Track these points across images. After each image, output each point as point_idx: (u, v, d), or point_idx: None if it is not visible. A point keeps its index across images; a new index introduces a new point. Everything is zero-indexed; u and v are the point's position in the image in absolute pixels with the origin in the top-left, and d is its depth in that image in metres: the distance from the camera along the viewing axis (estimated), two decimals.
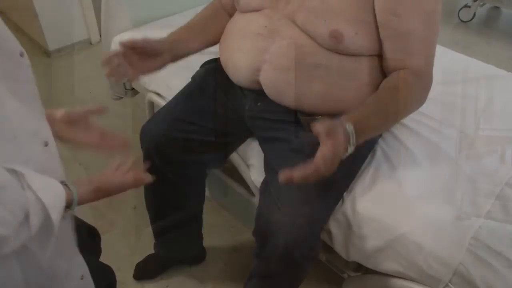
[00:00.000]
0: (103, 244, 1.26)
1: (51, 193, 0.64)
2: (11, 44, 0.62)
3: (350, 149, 0.84)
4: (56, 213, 0.63)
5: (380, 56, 0.99)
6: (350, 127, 0.83)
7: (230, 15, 1.19)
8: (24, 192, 0.60)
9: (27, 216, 0.60)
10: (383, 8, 0.92)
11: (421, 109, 1.21)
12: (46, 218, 0.63)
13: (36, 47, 2.73)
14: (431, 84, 0.99)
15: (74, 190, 0.69)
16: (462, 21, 3.23)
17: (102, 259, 1.53)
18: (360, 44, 0.95)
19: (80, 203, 0.70)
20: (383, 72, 1.01)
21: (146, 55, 1.01)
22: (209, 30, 1.18)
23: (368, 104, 0.93)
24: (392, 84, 0.96)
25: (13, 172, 0.60)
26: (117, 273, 1.50)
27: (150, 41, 1.00)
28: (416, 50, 0.95)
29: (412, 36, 0.94)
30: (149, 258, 1.47)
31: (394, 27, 0.93)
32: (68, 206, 0.68)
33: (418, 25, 0.93)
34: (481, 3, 3.18)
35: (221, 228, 1.64)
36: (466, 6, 3.17)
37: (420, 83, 0.97)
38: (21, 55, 0.63)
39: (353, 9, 0.93)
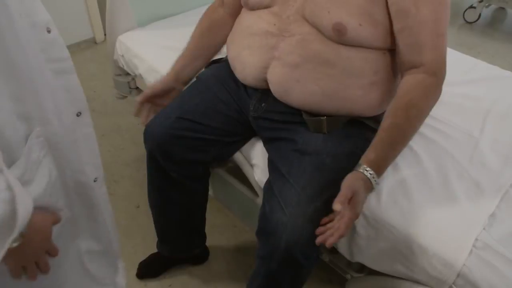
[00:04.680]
0: None
1: (22, 193, 0.60)
2: None
3: (374, 189, 0.89)
4: (22, 215, 0.57)
5: (390, 50, 0.98)
6: (368, 173, 0.88)
7: (231, 15, 1.19)
8: None
9: None
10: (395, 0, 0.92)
11: None
12: (9, 215, 0.57)
13: None
14: (444, 79, 0.98)
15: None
16: (467, 22, 3.22)
17: None
18: (365, 35, 0.94)
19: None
20: (394, 69, 1.01)
21: (161, 95, 1.21)
22: (210, 42, 1.22)
23: (383, 136, 0.92)
24: (409, 100, 0.93)
25: None
26: None
27: (157, 87, 1.19)
28: (429, 43, 0.94)
29: (425, 28, 0.93)
30: (152, 257, 1.47)
31: (407, 20, 0.92)
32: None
33: (431, 16, 0.92)
34: (487, 4, 3.17)
35: (224, 227, 1.64)
36: (471, 7, 3.16)
37: (436, 81, 0.96)
38: None
39: (358, 0, 0.93)
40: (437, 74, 0.96)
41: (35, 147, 0.66)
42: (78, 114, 0.74)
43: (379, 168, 0.90)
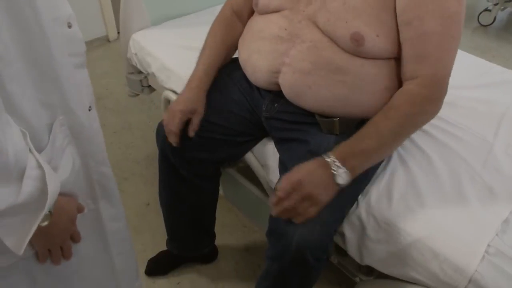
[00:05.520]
0: None
1: (53, 173, 0.62)
2: None
3: (340, 172, 0.88)
4: (52, 192, 0.60)
5: (397, 59, 0.98)
6: (329, 158, 0.90)
7: (243, 23, 1.18)
8: (27, 151, 0.58)
9: (19, 177, 0.57)
10: (404, 9, 0.91)
11: (439, 113, 1.20)
12: (40, 192, 0.59)
13: None
14: (443, 95, 0.95)
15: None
16: (482, 25, 3.18)
17: None
18: (380, 46, 0.93)
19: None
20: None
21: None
22: (228, 52, 1.19)
23: (357, 131, 0.93)
24: (391, 103, 0.94)
25: (24, 134, 0.59)
26: None
27: (185, 111, 1.09)
28: (431, 56, 0.92)
29: (429, 40, 0.91)
30: (161, 254, 1.48)
31: (413, 29, 0.91)
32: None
33: (437, 29, 0.90)
34: (502, 7, 3.13)
35: (234, 227, 1.64)
36: (486, 10, 3.13)
37: (428, 94, 0.93)
38: None
39: (375, 10, 0.92)
40: (431, 87, 0.93)
41: (59, 135, 0.68)
42: (90, 109, 0.76)
43: (344, 157, 0.90)
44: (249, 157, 1.22)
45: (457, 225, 0.93)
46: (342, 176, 0.89)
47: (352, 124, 1.02)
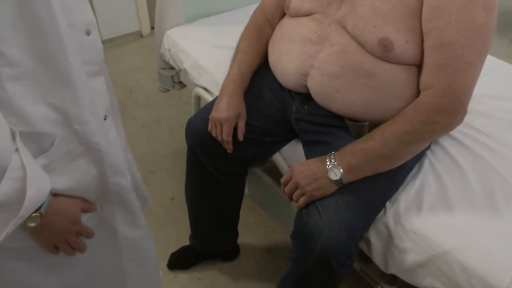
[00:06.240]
0: None
1: (38, 175, 0.61)
2: None
3: (333, 167, 0.94)
4: (34, 195, 0.58)
5: None
6: (329, 156, 0.96)
7: (274, 28, 1.18)
8: (12, 151, 0.57)
9: (0, 174, 0.56)
10: (427, 18, 0.88)
11: (474, 123, 1.17)
12: (17, 194, 0.58)
13: None
14: (458, 108, 0.90)
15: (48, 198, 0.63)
16: None
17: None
18: (410, 52, 0.91)
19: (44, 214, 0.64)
20: None
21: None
22: (259, 56, 1.18)
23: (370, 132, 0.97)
24: (402, 111, 0.94)
25: (14, 133, 0.58)
26: None
27: (231, 118, 1.09)
28: (449, 67, 0.87)
29: (449, 51, 0.87)
30: (184, 249, 1.50)
31: (433, 39, 0.88)
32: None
33: (460, 40, 0.86)
34: None
35: (257, 226, 1.65)
36: None
37: (438, 103, 0.89)
38: None
39: (404, 17, 0.90)
40: (443, 98, 0.89)
41: (71, 141, 0.67)
42: (105, 118, 0.74)
43: (343, 154, 0.95)
44: (277, 157, 1.21)
45: (489, 239, 0.91)
46: (335, 171, 0.93)
47: None
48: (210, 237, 1.41)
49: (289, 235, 1.05)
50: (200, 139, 1.16)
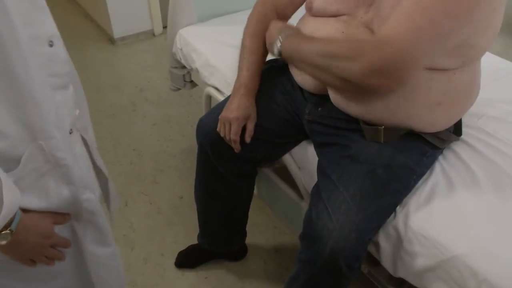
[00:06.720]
0: (150, 229, 1.29)
1: (11, 186, 0.59)
2: None
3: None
4: (9, 203, 0.58)
5: (456, 71, 0.93)
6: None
7: (279, 14, 1.15)
8: None
9: None
10: None
11: (487, 128, 1.16)
12: None
13: (102, 34, 2.86)
14: (385, 61, 0.82)
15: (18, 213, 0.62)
16: None
17: (147, 243, 1.58)
18: (436, 55, 0.89)
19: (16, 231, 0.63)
20: (466, 91, 0.97)
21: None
22: (268, 52, 1.15)
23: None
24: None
25: None
26: (160, 258, 1.55)
27: (240, 118, 1.10)
28: (393, 20, 0.83)
29: (400, 8, 0.82)
30: (191, 248, 1.51)
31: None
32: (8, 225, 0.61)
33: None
34: None
35: (265, 227, 1.65)
36: None
37: (365, 45, 0.86)
38: None
39: None
40: (374, 44, 0.85)
41: (37, 158, 0.65)
42: (71, 131, 0.72)
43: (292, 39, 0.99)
44: (287, 158, 1.22)
45: (500, 244, 0.90)
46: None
47: (397, 134, 0.99)
48: (219, 236, 1.42)
49: (297, 236, 1.05)
50: (210, 139, 1.17)
